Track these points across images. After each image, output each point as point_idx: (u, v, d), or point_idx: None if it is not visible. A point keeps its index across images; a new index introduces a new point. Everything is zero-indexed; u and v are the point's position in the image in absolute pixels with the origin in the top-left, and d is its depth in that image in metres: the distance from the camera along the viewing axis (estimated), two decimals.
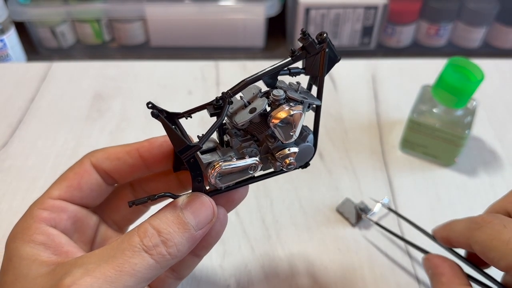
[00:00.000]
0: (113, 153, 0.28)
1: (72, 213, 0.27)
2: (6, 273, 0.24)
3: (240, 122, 0.25)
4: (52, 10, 0.79)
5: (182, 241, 0.24)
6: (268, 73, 0.24)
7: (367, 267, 0.38)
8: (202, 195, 0.26)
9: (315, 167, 0.47)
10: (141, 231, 0.24)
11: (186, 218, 0.24)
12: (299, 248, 0.40)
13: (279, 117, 0.24)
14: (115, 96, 0.55)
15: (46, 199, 0.27)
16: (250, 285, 0.37)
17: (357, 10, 0.82)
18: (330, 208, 0.43)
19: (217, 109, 0.24)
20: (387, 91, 0.56)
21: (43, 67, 0.59)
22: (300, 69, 0.26)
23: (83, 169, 0.28)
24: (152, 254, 0.23)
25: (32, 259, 0.24)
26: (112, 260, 0.23)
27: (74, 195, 0.27)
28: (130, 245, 0.23)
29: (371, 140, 0.50)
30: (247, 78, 0.24)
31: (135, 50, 0.86)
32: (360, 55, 0.86)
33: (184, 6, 0.81)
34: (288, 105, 0.25)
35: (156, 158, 0.28)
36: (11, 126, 0.51)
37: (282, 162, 0.26)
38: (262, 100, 0.25)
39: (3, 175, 0.45)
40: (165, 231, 0.24)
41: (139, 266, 0.23)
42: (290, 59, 0.24)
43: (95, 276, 0.22)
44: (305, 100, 0.25)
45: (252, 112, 0.25)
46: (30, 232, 0.25)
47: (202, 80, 0.57)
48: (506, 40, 0.87)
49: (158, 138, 0.28)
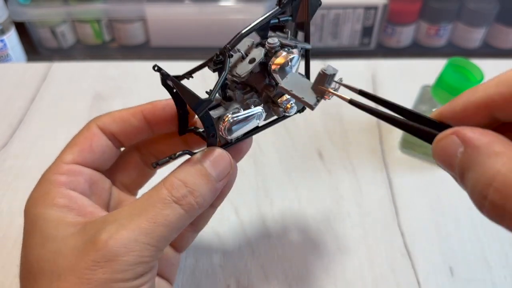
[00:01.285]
0: (118, 115, 0.29)
1: (87, 176, 0.28)
2: (32, 236, 0.24)
3: (242, 73, 0.26)
4: (52, 10, 0.79)
5: (206, 191, 0.25)
6: (261, 23, 0.25)
7: (367, 267, 0.38)
8: (219, 148, 0.26)
9: (315, 167, 0.47)
10: (167, 184, 0.25)
11: (207, 169, 0.25)
12: (299, 248, 0.40)
13: (279, 62, 0.26)
14: (115, 96, 0.55)
15: (60, 164, 0.27)
16: (250, 285, 0.37)
17: (357, 10, 0.82)
18: (330, 208, 0.43)
19: (218, 64, 0.24)
20: (387, 91, 0.56)
21: (43, 67, 0.59)
22: (288, 17, 0.27)
23: (92, 133, 0.28)
24: (182, 204, 0.24)
25: (59, 221, 0.24)
26: (145, 213, 0.23)
27: (87, 158, 0.28)
28: (160, 198, 0.24)
29: (371, 140, 0.50)
30: (241, 30, 0.25)
31: (135, 50, 0.86)
32: (360, 55, 0.86)
33: (184, 6, 0.81)
34: (284, 51, 0.26)
35: (160, 119, 0.29)
36: (11, 126, 0.51)
37: (284, 107, 0.28)
38: (259, 49, 0.26)
39: (3, 175, 0.45)
40: (190, 182, 0.25)
41: (171, 216, 0.24)
42: (278, 7, 0.25)
43: (131, 229, 0.23)
44: (298, 44, 0.27)
45: (251, 62, 0.26)
46: (51, 196, 0.25)
47: (202, 80, 0.57)
48: (506, 40, 0.87)
49: (161, 100, 0.29)
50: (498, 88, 0.20)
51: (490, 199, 0.18)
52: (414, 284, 0.37)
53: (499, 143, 0.19)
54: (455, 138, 0.20)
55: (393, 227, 0.41)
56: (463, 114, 0.22)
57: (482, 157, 0.18)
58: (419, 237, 0.40)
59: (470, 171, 0.19)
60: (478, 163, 0.19)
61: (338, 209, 0.43)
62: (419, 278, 0.38)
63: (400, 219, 0.42)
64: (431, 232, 0.41)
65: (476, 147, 0.19)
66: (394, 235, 0.41)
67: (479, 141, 0.19)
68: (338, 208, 0.43)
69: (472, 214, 0.42)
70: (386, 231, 0.41)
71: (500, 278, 0.37)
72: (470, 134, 0.19)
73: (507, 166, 0.17)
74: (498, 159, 0.18)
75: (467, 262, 0.39)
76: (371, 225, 0.41)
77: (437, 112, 0.23)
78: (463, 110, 0.22)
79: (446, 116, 0.23)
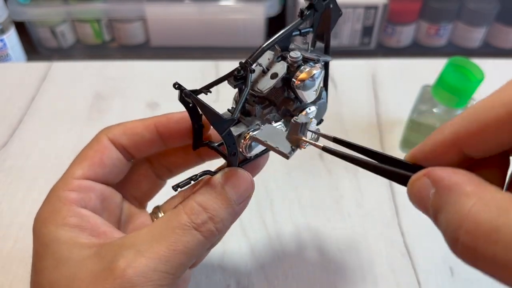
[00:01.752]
0: (130, 127, 0.28)
1: (99, 192, 0.27)
2: (44, 259, 0.23)
3: (265, 89, 0.25)
4: (52, 10, 0.79)
5: (226, 216, 0.25)
6: (283, 37, 0.25)
7: (367, 267, 0.38)
8: (240, 170, 0.26)
9: (315, 167, 0.47)
10: (187, 209, 0.24)
11: (228, 193, 0.25)
12: (299, 248, 0.40)
13: (303, 78, 0.25)
14: (115, 96, 0.55)
15: (70, 180, 0.26)
16: (250, 285, 0.37)
17: (357, 10, 0.82)
18: (330, 208, 0.43)
19: (239, 79, 0.24)
20: (387, 91, 0.56)
21: (43, 67, 0.59)
22: (309, 28, 0.26)
23: (103, 146, 0.27)
24: (202, 231, 0.24)
25: (72, 242, 0.23)
26: (164, 239, 0.23)
27: (98, 173, 0.27)
28: (180, 223, 0.23)
29: (371, 140, 0.50)
30: (263, 44, 0.24)
31: (135, 50, 0.86)
32: (360, 55, 0.86)
33: (184, 6, 0.81)
34: (308, 65, 0.25)
35: (174, 133, 0.28)
36: (11, 126, 0.51)
37: None
38: (281, 64, 0.25)
39: (3, 175, 0.45)
40: (210, 208, 0.24)
41: (191, 243, 0.23)
42: (300, 19, 0.25)
43: (149, 257, 0.22)
44: (320, 58, 0.26)
45: (274, 77, 0.25)
46: (62, 215, 0.24)
47: (202, 80, 0.57)
48: (506, 40, 0.87)
49: (175, 113, 0.28)
50: (464, 125, 0.20)
51: (462, 241, 0.17)
52: (414, 284, 0.37)
53: (469, 183, 0.18)
54: (426, 179, 0.19)
55: (393, 226, 0.41)
56: (434, 154, 0.21)
57: (453, 198, 0.18)
58: (419, 237, 0.40)
59: (442, 213, 0.18)
60: (449, 204, 0.18)
61: (338, 209, 0.43)
62: (419, 278, 0.38)
63: (400, 218, 0.42)
64: (431, 232, 0.41)
65: (446, 188, 0.18)
66: (394, 235, 0.40)
67: (450, 182, 0.19)
68: (338, 208, 0.43)
69: None
70: (386, 231, 0.41)
71: None
72: (441, 175, 0.19)
73: (477, 207, 0.17)
74: (469, 199, 0.17)
75: None
76: (371, 225, 0.41)
77: (409, 154, 0.23)
78: (433, 150, 0.21)
79: (418, 157, 0.22)
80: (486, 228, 0.16)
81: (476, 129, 0.19)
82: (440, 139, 0.21)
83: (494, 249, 0.16)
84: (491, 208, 0.17)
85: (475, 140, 0.19)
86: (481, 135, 0.19)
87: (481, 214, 0.17)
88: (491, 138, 0.19)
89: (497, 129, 0.18)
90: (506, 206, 0.16)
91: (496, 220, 0.16)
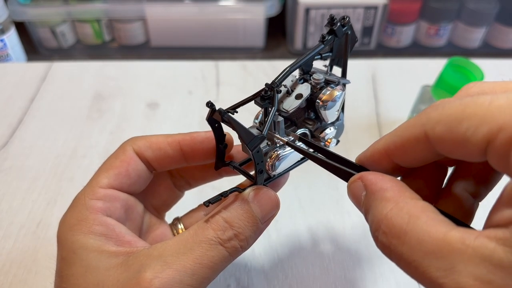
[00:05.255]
0: (155, 142, 0.28)
1: (123, 201, 0.27)
2: (73, 265, 0.24)
3: (290, 108, 0.26)
4: (52, 10, 0.79)
5: (251, 234, 0.25)
6: (307, 60, 0.26)
7: (367, 267, 0.38)
8: (268, 189, 0.26)
9: (315, 167, 0.47)
10: (214, 224, 0.24)
11: (254, 211, 0.25)
12: (299, 248, 0.40)
13: (327, 99, 0.27)
14: (115, 96, 0.55)
15: (96, 189, 0.26)
16: (250, 285, 0.37)
17: (357, 10, 0.82)
18: (330, 208, 0.43)
19: (267, 99, 0.25)
20: (387, 91, 0.56)
21: (43, 67, 0.59)
22: (329, 53, 0.28)
23: (129, 156, 0.28)
24: (227, 247, 0.24)
25: (99, 250, 0.24)
26: (190, 253, 0.23)
27: (123, 183, 0.27)
28: (206, 238, 0.24)
29: (371, 140, 0.49)
30: (288, 67, 0.25)
31: (135, 50, 0.86)
32: (360, 55, 0.86)
33: (184, 6, 0.81)
34: (331, 87, 0.27)
35: (197, 153, 0.28)
36: (11, 126, 0.51)
37: (325, 142, 0.28)
38: (305, 85, 0.27)
39: (3, 175, 0.45)
40: (237, 225, 0.25)
41: (216, 258, 0.24)
42: (322, 44, 0.26)
43: (176, 269, 0.23)
44: (340, 80, 0.27)
45: (298, 98, 0.26)
46: (88, 224, 0.25)
47: (202, 80, 0.57)
48: (506, 40, 0.87)
49: (200, 133, 0.29)
50: (392, 139, 0.22)
51: (380, 240, 0.20)
52: (414, 284, 0.37)
53: (391, 189, 0.21)
54: (360, 182, 0.22)
55: None
56: (372, 160, 0.24)
57: (376, 202, 0.21)
58: None
59: (369, 213, 0.21)
60: (373, 207, 0.21)
61: (338, 209, 0.43)
62: None
63: None
64: None
65: (372, 192, 0.21)
66: None
67: (375, 187, 0.21)
68: (338, 208, 0.43)
69: None
70: None
71: None
72: (370, 180, 0.22)
73: (393, 212, 0.19)
74: (388, 204, 0.20)
75: None
76: None
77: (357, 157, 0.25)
78: (371, 156, 0.24)
79: (362, 161, 0.25)
80: (397, 231, 0.19)
81: (399, 144, 0.22)
82: (376, 148, 0.24)
83: (401, 249, 0.19)
84: (403, 214, 0.19)
85: (398, 152, 0.22)
86: (402, 149, 0.22)
87: (394, 218, 0.19)
88: (411, 152, 0.22)
89: (414, 145, 0.21)
90: (416, 213, 0.19)
91: (406, 225, 0.19)
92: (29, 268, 0.37)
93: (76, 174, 0.46)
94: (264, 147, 0.26)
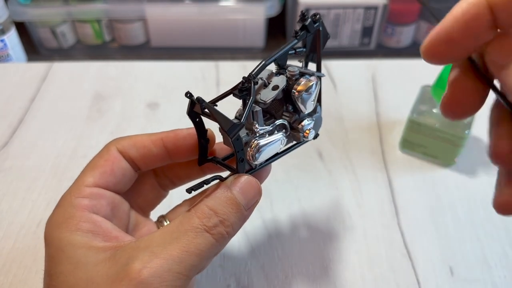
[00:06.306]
0: (139, 141, 0.29)
1: (109, 199, 0.28)
2: (61, 263, 0.24)
3: (267, 99, 0.27)
4: (53, 10, 0.79)
5: (236, 220, 0.26)
6: (281, 54, 0.27)
7: (367, 267, 0.38)
8: (249, 176, 0.27)
9: (315, 167, 0.47)
10: (199, 213, 0.25)
11: (237, 198, 0.26)
12: (299, 248, 0.40)
13: (302, 89, 0.27)
14: (115, 96, 0.55)
15: (82, 187, 0.27)
16: (250, 285, 0.37)
17: (357, 10, 0.82)
18: (330, 208, 0.43)
19: (244, 91, 0.25)
20: (387, 91, 0.56)
21: (44, 67, 0.59)
22: (303, 48, 0.29)
23: (113, 156, 0.28)
24: (213, 233, 0.24)
25: (87, 246, 0.24)
26: (177, 242, 0.24)
27: (109, 181, 0.28)
28: (192, 226, 0.24)
29: (371, 140, 0.50)
30: (264, 60, 0.26)
31: (135, 50, 0.86)
32: (360, 55, 0.86)
33: (184, 6, 0.81)
34: (305, 78, 0.28)
35: (180, 149, 0.29)
36: (11, 126, 0.51)
37: (303, 133, 0.29)
38: (281, 77, 0.28)
39: (3, 175, 0.45)
40: (221, 212, 0.25)
41: (202, 245, 0.24)
42: (295, 39, 0.27)
43: (164, 258, 0.23)
44: (315, 73, 0.29)
45: (275, 89, 0.27)
46: (75, 221, 0.25)
47: (202, 80, 0.57)
48: None
49: (183, 130, 0.29)
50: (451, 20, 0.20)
51: None
52: (414, 284, 0.37)
53: None
54: None
55: (393, 226, 0.41)
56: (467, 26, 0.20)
57: None
58: (419, 237, 0.40)
59: None
60: None
61: (338, 209, 0.43)
62: (419, 278, 0.38)
63: (400, 218, 0.42)
64: (431, 232, 0.41)
65: None
66: (394, 235, 0.41)
67: None
68: (338, 208, 0.43)
69: (472, 214, 0.42)
70: (386, 231, 0.41)
71: (500, 278, 0.37)
72: None
73: None
74: None
75: (467, 262, 0.39)
76: (371, 225, 0.41)
77: None
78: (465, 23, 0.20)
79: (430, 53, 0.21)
80: None
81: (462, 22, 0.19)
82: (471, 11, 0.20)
83: None
84: None
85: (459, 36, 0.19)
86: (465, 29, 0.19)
87: None
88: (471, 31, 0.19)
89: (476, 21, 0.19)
90: None
91: None
92: (29, 268, 0.37)
93: (76, 174, 0.45)
94: (244, 136, 0.27)
